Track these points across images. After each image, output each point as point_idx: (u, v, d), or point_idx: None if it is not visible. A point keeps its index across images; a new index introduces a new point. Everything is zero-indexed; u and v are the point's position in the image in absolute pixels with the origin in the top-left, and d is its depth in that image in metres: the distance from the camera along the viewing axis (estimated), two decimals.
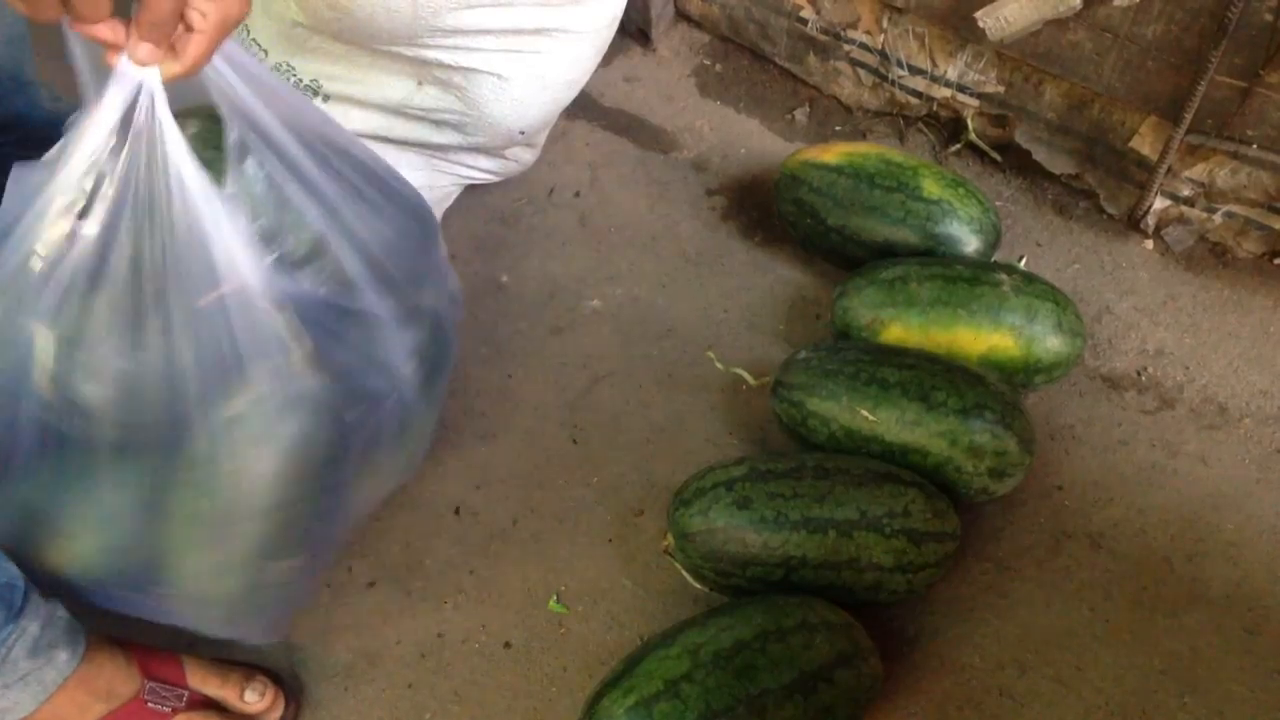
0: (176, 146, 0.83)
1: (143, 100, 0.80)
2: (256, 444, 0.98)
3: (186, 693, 1.13)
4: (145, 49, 0.77)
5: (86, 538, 1.07)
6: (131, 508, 1.03)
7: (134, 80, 0.79)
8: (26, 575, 1.07)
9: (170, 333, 0.92)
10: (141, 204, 0.85)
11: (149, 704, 1.11)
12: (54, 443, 0.99)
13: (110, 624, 1.15)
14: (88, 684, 1.08)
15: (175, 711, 1.12)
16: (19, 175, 0.89)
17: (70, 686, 1.06)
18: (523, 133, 1.48)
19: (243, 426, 0.97)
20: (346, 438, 1.07)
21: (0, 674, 1.01)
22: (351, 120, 1.45)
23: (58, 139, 1.20)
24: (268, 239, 1.00)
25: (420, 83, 1.41)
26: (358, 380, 1.11)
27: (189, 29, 0.78)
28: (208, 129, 0.99)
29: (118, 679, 1.11)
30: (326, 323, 1.05)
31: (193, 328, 0.91)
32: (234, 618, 1.12)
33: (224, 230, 0.87)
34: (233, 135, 0.93)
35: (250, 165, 0.97)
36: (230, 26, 0.80)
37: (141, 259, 0.89)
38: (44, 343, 0.93)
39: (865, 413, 1.23)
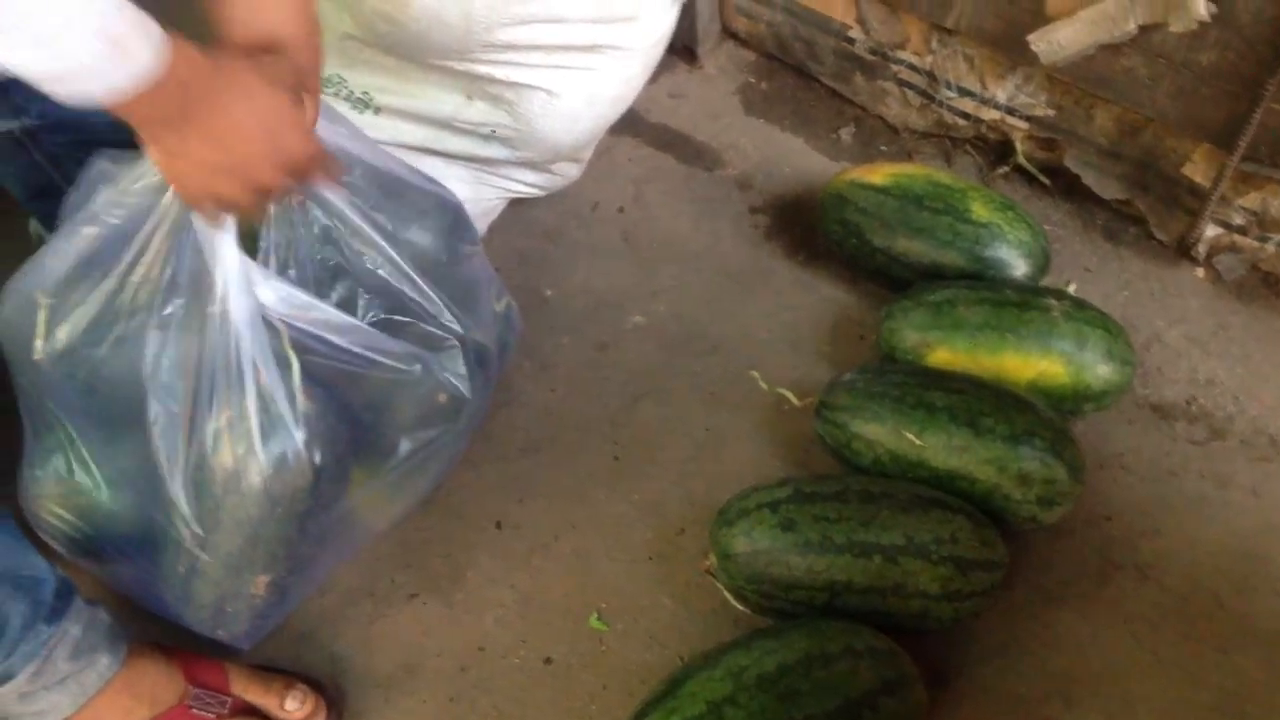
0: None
1: None
2: (244, 455, 1.02)
3: (229, 699, 1.14)
4: None
5: (95, 492, 1.13)
6: (133, 477, 1.09)
7: None
8: (69, 577, 1.08)
9: (181, 332, 1.03)
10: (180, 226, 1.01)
11: (193, 709, 1.12)
12: (69, 406, 1.08)
13: (156, 631, 1.16)
14: (131, 688, 1.09)
15: (219, 718, 1.12)
16: (98, 165, 1.05)
17: (112, 690, 1.07)
18: (570, 148, 1.48)
19: (234, 434, 1.02)
20: (342, 462, 1.09)
21: (40, 675, 1.02)
22: (400, 132, 1.46)
23: (117, 143, 1.26)
24: (300, 272, 1.08)
25: (470, 97, 1.41)
26: (385, 412, 1.13)
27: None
28: None
29: (161, 684, 1.11)
30: (352, 357, 1.09)
31: (202, 333, 1.01)
32: (215, 619, 1.15)
33: (231, 255, 1.00)
34: None
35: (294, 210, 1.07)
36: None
37: (180, 266, 1.02)
38: (42, 314, 1.05)
39: (912, 437, 1.22)
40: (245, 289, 1.00)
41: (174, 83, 0.79)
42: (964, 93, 1.57)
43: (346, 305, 1.14)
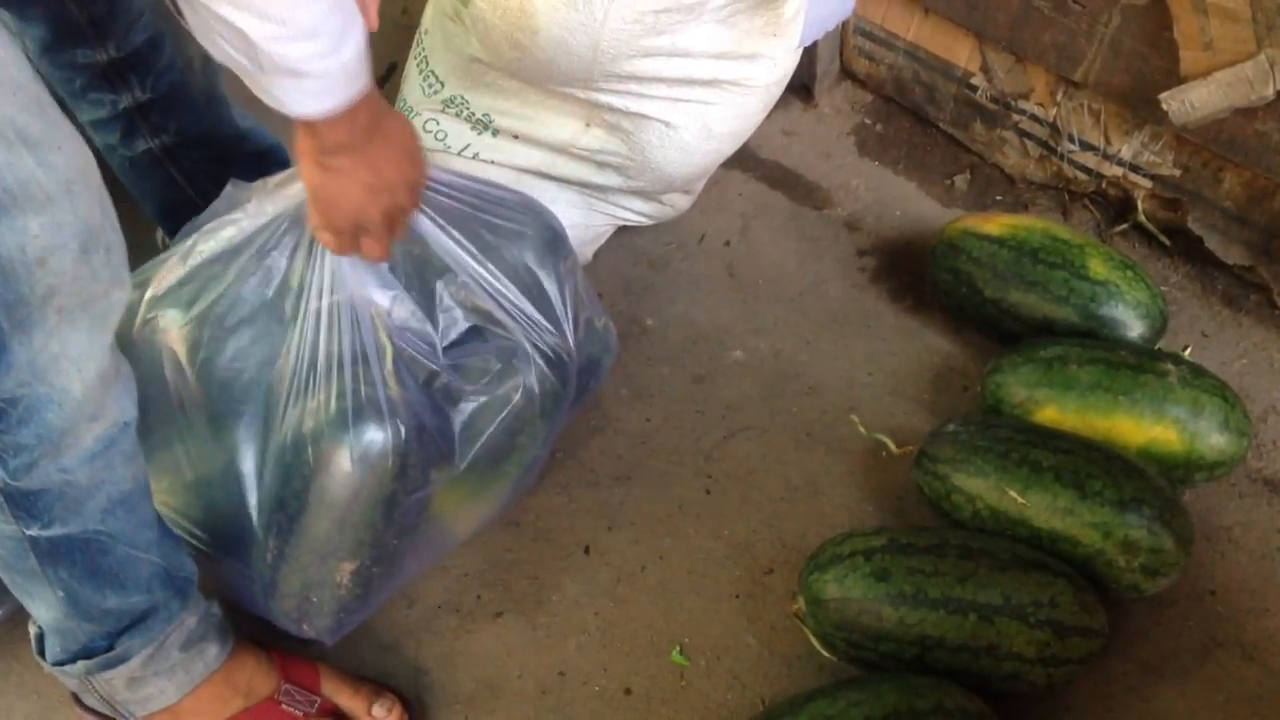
0: None
1: None
2: (335, 436, 1.05)
3: (319, 699, 1.16)
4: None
5: (188, 484, 1.16)
6: (229, 466, 1.13)
7: None
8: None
9: (279, 323, 1.09)
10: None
11: (283, 705, 1.14)
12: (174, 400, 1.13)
13: (250, 632, 1.18)
14: (231, 680, 1.12)
15: (306, 716, 1.14)
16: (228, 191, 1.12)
17: (215, 681, 1.10)
18: (684, 180, 1.48)
19: (326, 416, 1.05)
20: (425, 450, 1.11)
21: (153, 661, 1.06)
22: (516, 155, 1.48)
23: (245, 155, 1.32)
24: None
25: (588, 124, 1.43)
26: (465, 407, 1.16)
27: None
28: None
29: (258, 677, 1.14)
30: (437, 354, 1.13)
31: (309, 327, 1.07)
32: (300, 609, 1.17)
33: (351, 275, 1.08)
34: None
35: None
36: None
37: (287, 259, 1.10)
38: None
39: (1014, 494, 1.20)
40: (349, 277, 1.06)
41: (364, 108, 0.88)
42: (1086, 147, 1.54)
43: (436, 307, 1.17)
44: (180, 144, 1.31)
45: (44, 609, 1.01)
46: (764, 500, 1.39)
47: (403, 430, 1.07)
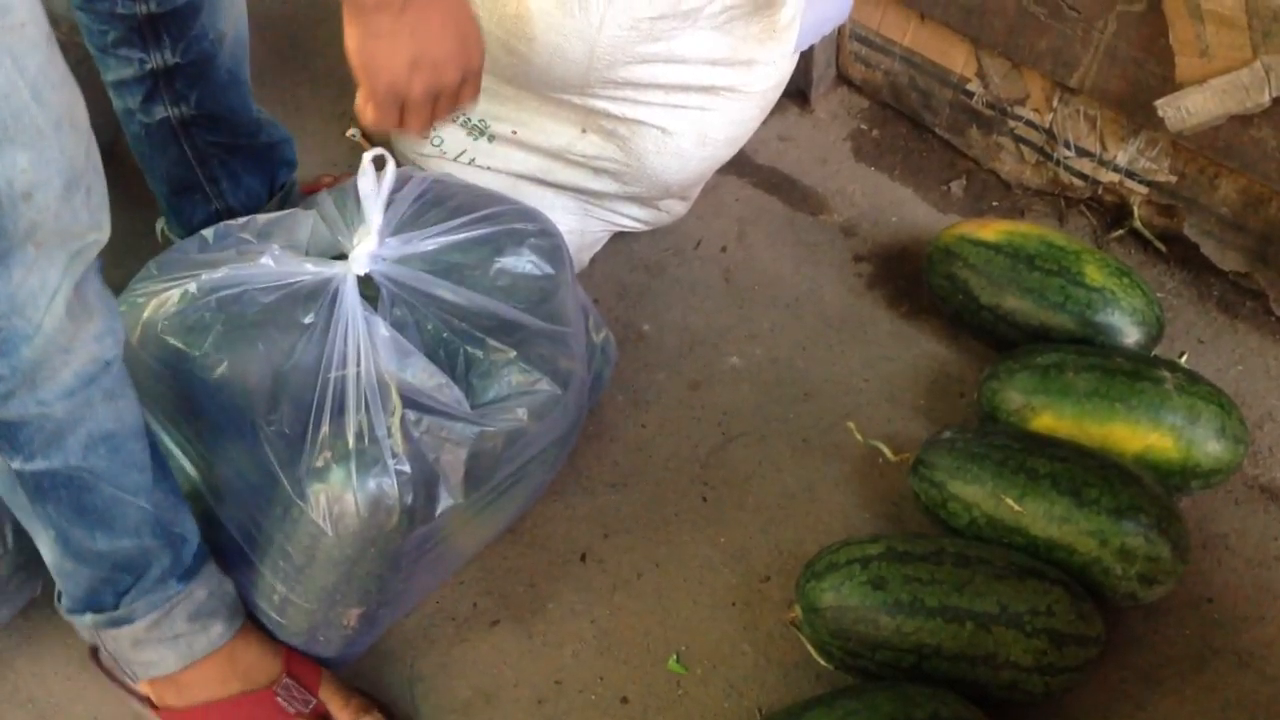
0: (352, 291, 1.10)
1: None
2: (340, 496, 1.05)
3: (315, 700, 1.16)
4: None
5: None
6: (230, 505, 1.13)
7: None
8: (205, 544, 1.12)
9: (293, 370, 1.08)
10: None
11: (279, 699, 1.14)
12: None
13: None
14: (233, 660, 1.12)
15: (299, 715, 1.14)
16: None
17: (218, 658, 1.11)
18: (680, 186, 1.48)
19: (332, 474, 1.05)
20: (433, 499, 1.11)
21: (157, 627, 1.06)
22: (512, 161, 1.48)
23: (256, 145, 1.36)
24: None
25: (584, 130, 1.43)
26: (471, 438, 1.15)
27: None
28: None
29: (261, 664, 1.14)
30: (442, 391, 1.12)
31: (313, 372, 1.08)
32: (308, 644, 1.18)
33: (361, 330, 1.09)
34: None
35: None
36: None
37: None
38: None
39: (1011, 502, 1.20)
40: (365, 336, 1.06)
41: None
42: (1082, 153, 1.55)
43: (436, 331, 1.16)
44: (197, 118, 1.31)
45: (45, 549, 1.03)
46: (760, 507, 1.38)
47: (409, 491, 1.06)
